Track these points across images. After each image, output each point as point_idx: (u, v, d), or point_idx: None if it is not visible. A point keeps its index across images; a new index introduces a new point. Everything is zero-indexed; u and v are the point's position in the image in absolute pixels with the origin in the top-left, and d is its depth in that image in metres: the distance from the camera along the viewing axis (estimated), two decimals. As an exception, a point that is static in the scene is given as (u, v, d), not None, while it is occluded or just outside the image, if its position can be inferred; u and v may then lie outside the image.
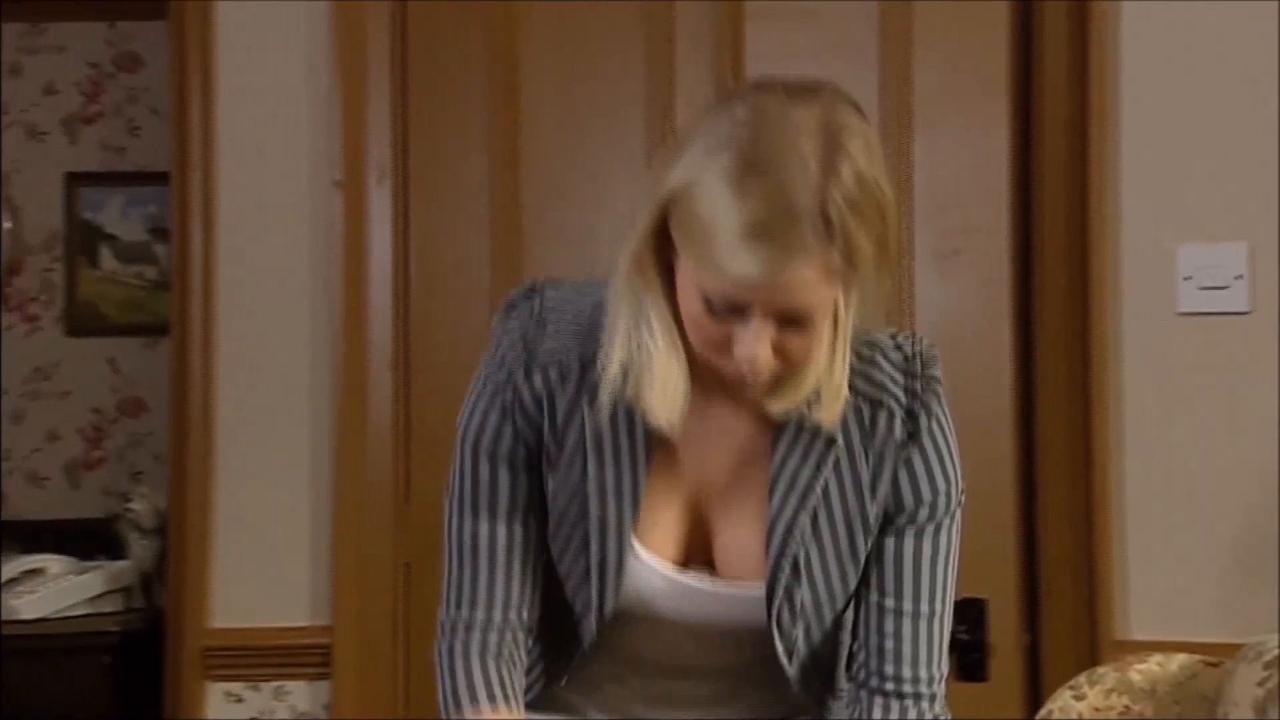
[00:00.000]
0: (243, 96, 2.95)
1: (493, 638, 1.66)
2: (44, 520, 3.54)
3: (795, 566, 1.64)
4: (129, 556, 3.28)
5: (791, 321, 1.49)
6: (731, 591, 1.65)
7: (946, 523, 1.68)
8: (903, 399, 1.63)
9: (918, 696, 1.66)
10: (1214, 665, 1.85)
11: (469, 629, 1.65)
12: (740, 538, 1.63)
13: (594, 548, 1.64)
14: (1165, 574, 2.63)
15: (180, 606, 2.92)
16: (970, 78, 2.69)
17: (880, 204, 1.49)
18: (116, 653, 3.02)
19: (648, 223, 1.54)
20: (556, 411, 1.61)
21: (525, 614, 1.67)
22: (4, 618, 3.04)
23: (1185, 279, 2.67)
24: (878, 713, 1.66)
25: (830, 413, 1.58)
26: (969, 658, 2.61)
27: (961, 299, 2.67)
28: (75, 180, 3.63)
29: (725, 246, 1.45)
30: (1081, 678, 1.92)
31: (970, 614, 2.61)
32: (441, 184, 2.89)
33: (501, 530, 1.65)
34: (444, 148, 2.89)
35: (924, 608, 1.66)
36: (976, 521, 2.60)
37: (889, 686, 1.66)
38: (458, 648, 1.66)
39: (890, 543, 1.65)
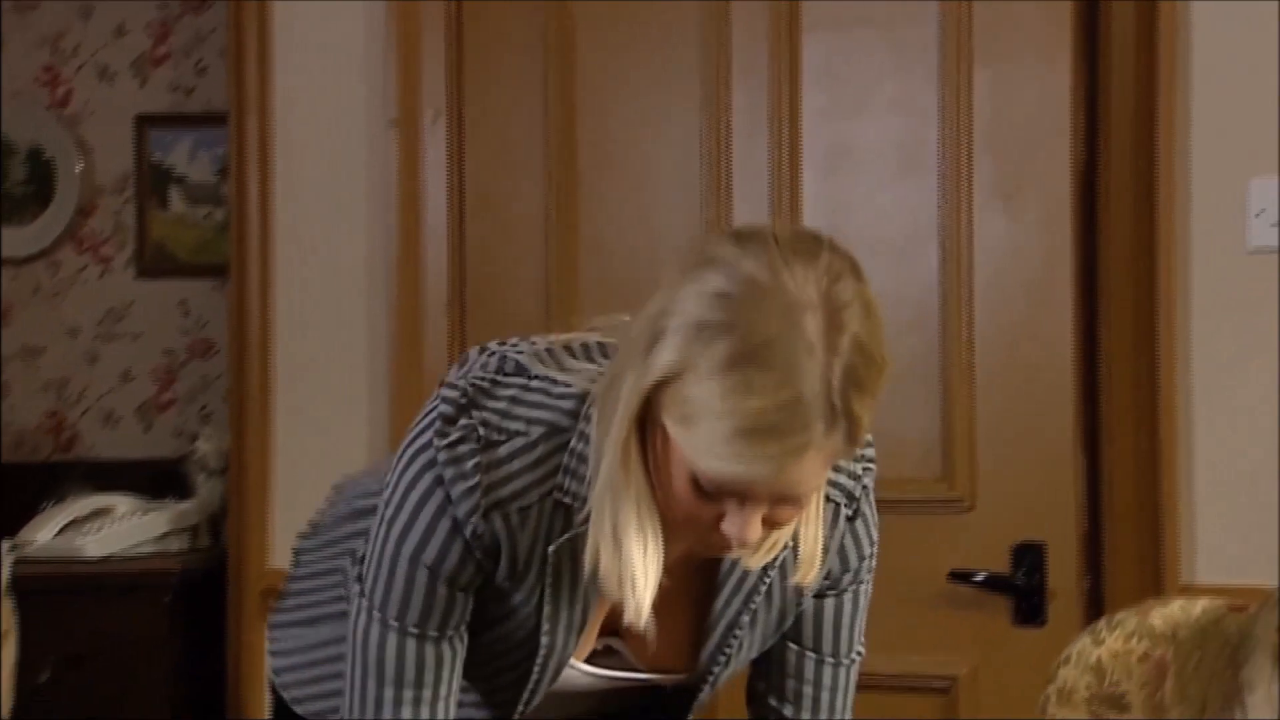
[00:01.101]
0: (299, 37, 2.95)
1: None
2: (117, 460, 3.58)
3: (727, 658, 1.64)
4: (196, 497, 3.30)
5: (786, 500, 1.44)
6: (652, 676, 1.64)
7: (866, 579, 1.69)
8: (848, 485, 1.61)
9: None
10: (1240, 609, 1.80)
11: None
12: (667, 628, 1.58)
13: (535, 670, 1.59)
14: (1233, 517, 2.56)
15: (241, 547, 2.94)
16: (1033, 8, 2.61)
17: (880, 368, 1.41)
18: (178, 592, 3.04)
19: (633, 407, 1.43)
20: (517, 552, 1.53)
21: None
22: (70, 556, 3.08)
23: (1256, 215, 2.58)
24: None
25: (807, 576, 1.55)
26: (1027, 602, 2.57)
27: (1023, 238, 2.61)
28: (145, 122, 3.64)
29: (728, 444, 1.37)
30: (1101, 622, 1.88)
31: (1029, 558, 2.56)
32: (496, 123, 2.87)
33: (446, 651, 1.56)
34: (499, 86, 2.87)
35: (843, 658, 1.71)
36: (1037, 464, 2.57)
37: None
38: None
39: (813, 603, 1.66)
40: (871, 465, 1.65)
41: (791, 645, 1.69)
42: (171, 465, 3.43)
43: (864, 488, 1.64)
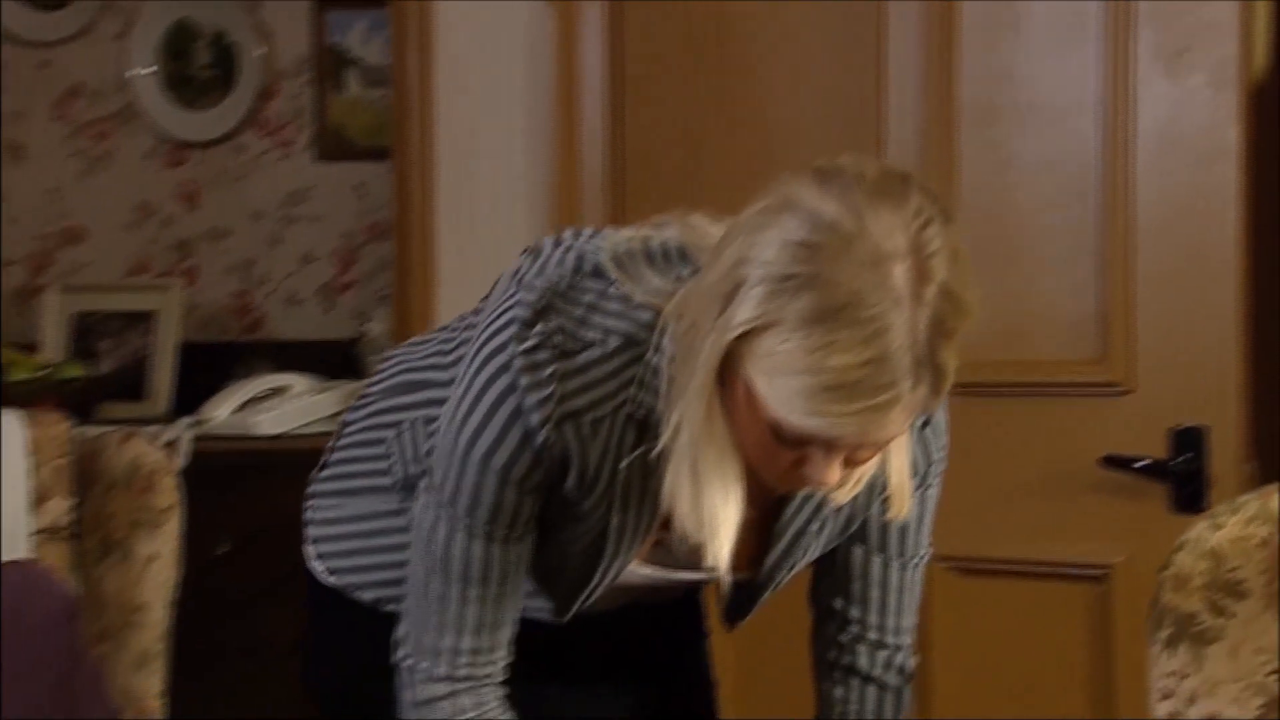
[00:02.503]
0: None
1: (500, 669, 1.60)
2: (297, 341, 3.67)
3: (793, 564, 1.62)
4: (367, 377, 3.37)
5: (870, 446, 1.41)
6: (710, 576, 1.61)
7: (935, 481, 1.66)
8: None
9: (898, 647, 1.71)
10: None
11: (489, 662, 1.58)
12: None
13: (597, 575, 1.59)
14: None
15: (405, 426, 2.99)
16: None
17: (968, 314, 1.36)
18: (346, 469, 3.11)
19: (714, 360, 1.39)
20: (587, 463, 1.51)
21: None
22: (246, 432, 3.17)
23: None
24: (863, 661, 1.69)
25: (900, 508, 1.52)
26: (1186, 488, 2.48)
27: (1188, 100, 2.49)
28: (322, 4, 3.68)
29: (811, 401, 1.33)
30: (1223, 506, 1.81)
31: (1189, 442, 2.48)
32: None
33: (514, 551, 1.55)
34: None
35: (910, 558, 1.68)
36: (1199, 345, 2.47)
37: (872, 636, 1.69)
38: (487, 694, 1.58)
39: (881, 507, 1.61)
40: None
41: (857, 547, 1.66)
42: (346, 346, 3.51)
43: None
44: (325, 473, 1.79)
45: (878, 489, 1.55)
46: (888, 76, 2.67)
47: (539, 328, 1.47)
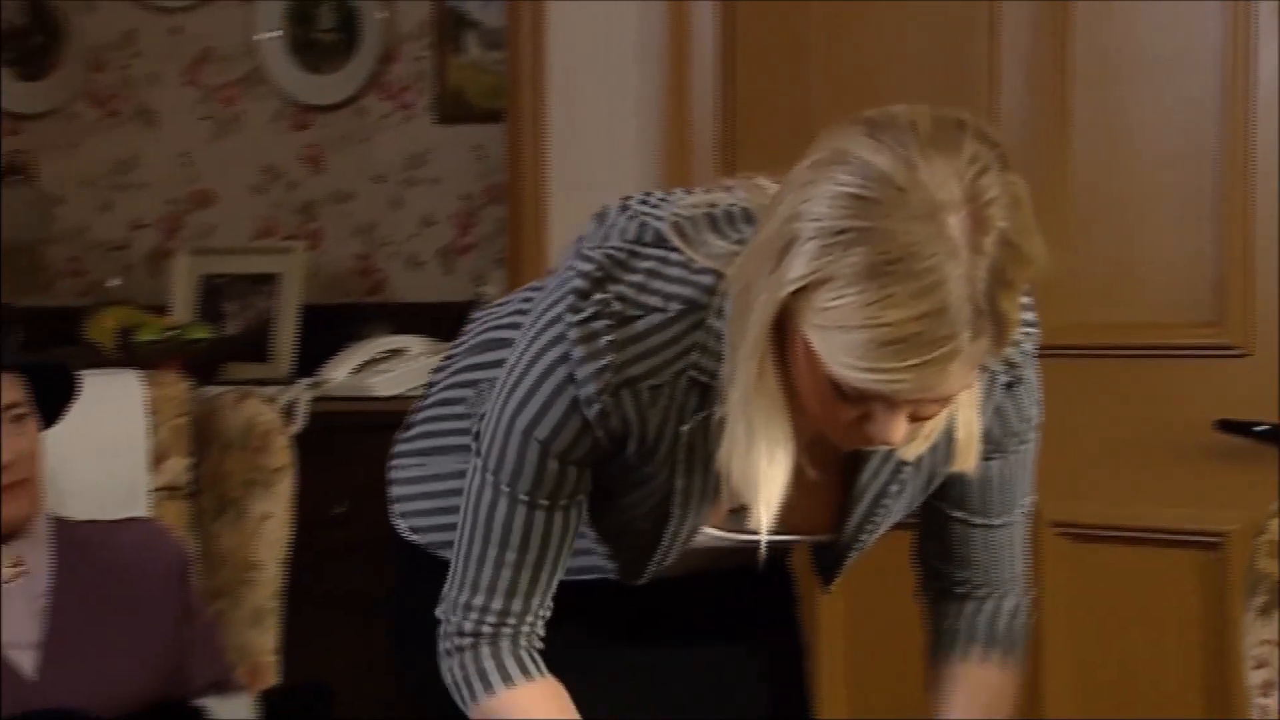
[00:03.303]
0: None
1: (529, 629, 1.60)
2: (417, 303, 3.69)
3: (875, 526, 1.60)
4: (475, 338, 3.39)
5: (933, 401, 1.38)
6: (792, 539, 1.60)
7: (1031, 438, 1.62)
8: (1005, 352, 1.49)
9: (1006, 594, 1.70)
10: None
11: (516, 623, 1.58)
12: (810, 495, 1.54)
13: (665, 538, 1.57)
14: None
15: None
16: None
17: (1030, 260, 1.32)
18: (461, 430, 3.14)
19: (767, 319, 1.37)
20: (647, 429, 1.50)
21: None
22: (363, 393, 3.20)
23: None
24: (969, 608, 1.69)
25: (966, 461, 1.49)
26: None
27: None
28: (443, -33, 3.70)
29: (868, 356, 1.31)
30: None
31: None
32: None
33: (558, 519, 1.55)
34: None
35: (1011, 516, 1.65)
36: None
37: (980, 592, 1.69)
38: (504, 646, 1.58)
39: (978, 467, 1.58)
40: (1032, 330, 1.56)
41: (954, 510, 1.64)
42: (464, 308, 3.53)
43: (1024, 353, 1.56)
44: (410, 433, 1.80)
45: (962, 469, 1.54)
46: (1001, 30, 2.62)
47: (596, 297, 1.46)
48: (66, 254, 4.07)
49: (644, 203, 1.54)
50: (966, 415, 1.48)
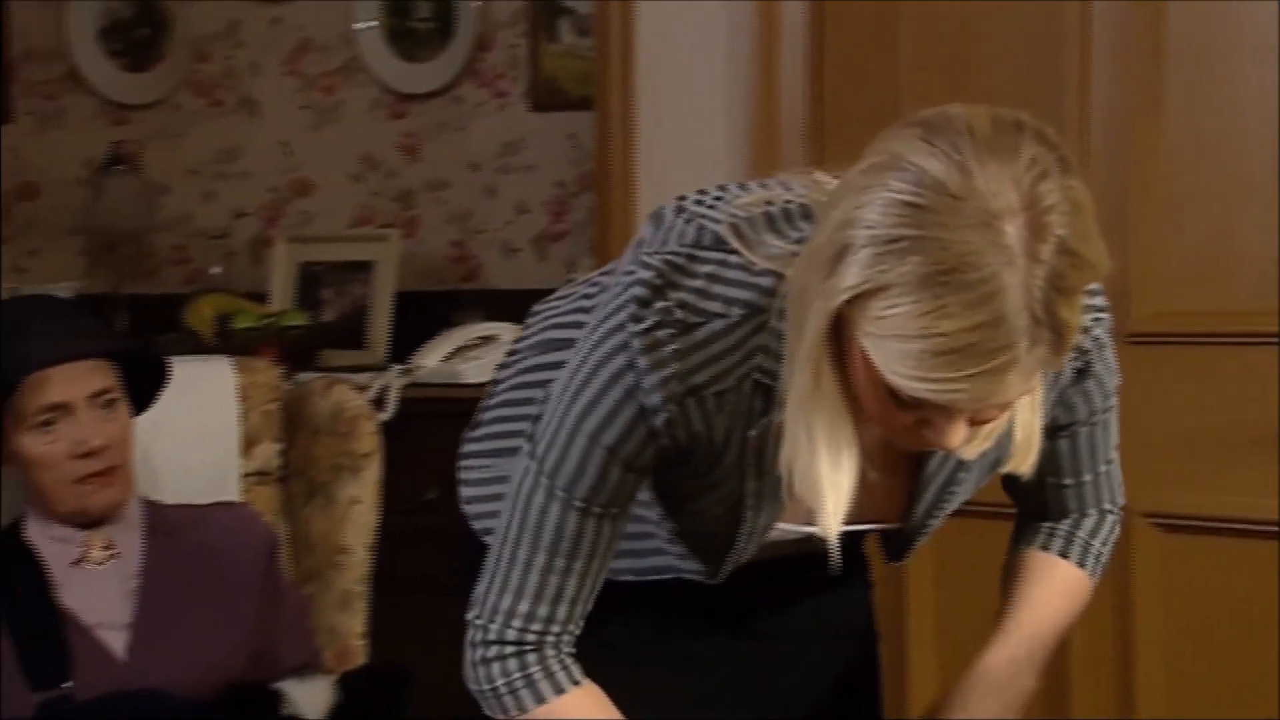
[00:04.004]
0: None
1: (570, 637, 1.58)
2: (510, 290, 3.71)
3: (943, 510, 1.59)
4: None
5: (992, 408, 1.37)
6: (861, 528, 1.59)
7: (1113, 403, 1.61)
8: (1075, 339, 1.47)
9: (1112, 506, 1.71)
10: None
11: (560, 631, 1.56)
12: (878, 485, 1.52)
13: (739, 540, 1.56)
14: None
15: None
16: None
17: (1090, 266, 1.30)
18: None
19: (821, 327, 1.35)
20: (714, 435, 1.48)
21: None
22: (452, 380, 3.22)
23: None
24: (1066, 521, 1.70)
25: (1024, 463, 1.48)
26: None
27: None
28: (536, -46, 3.72)
29: (927, 366, 1.29)
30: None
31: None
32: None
33: (607, 527, 1.53)
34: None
35: (1101, 469, 1.66)
36: None
37: (1072, 518, 1.70)
38: (549, 654, 1.56)
39: (1065, 444, 1.61)
40: (1102, 315, 1.55)
41: (1048, 477, 1.64)
42: (556, 295, 3.54)
43: (1094, 339, 1.54)
44: (477, 432, 1.79)
45: (1019, 470, 1.52)
46: (1093, 18, 2.59)
47: (657, 305, 1.44)
48: (171, 242, 4.14)
49: (699, 203, 1.52)
50: (1026, 417, 1.46)
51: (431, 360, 3.28)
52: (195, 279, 4.05)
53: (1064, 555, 1.70)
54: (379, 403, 3.16)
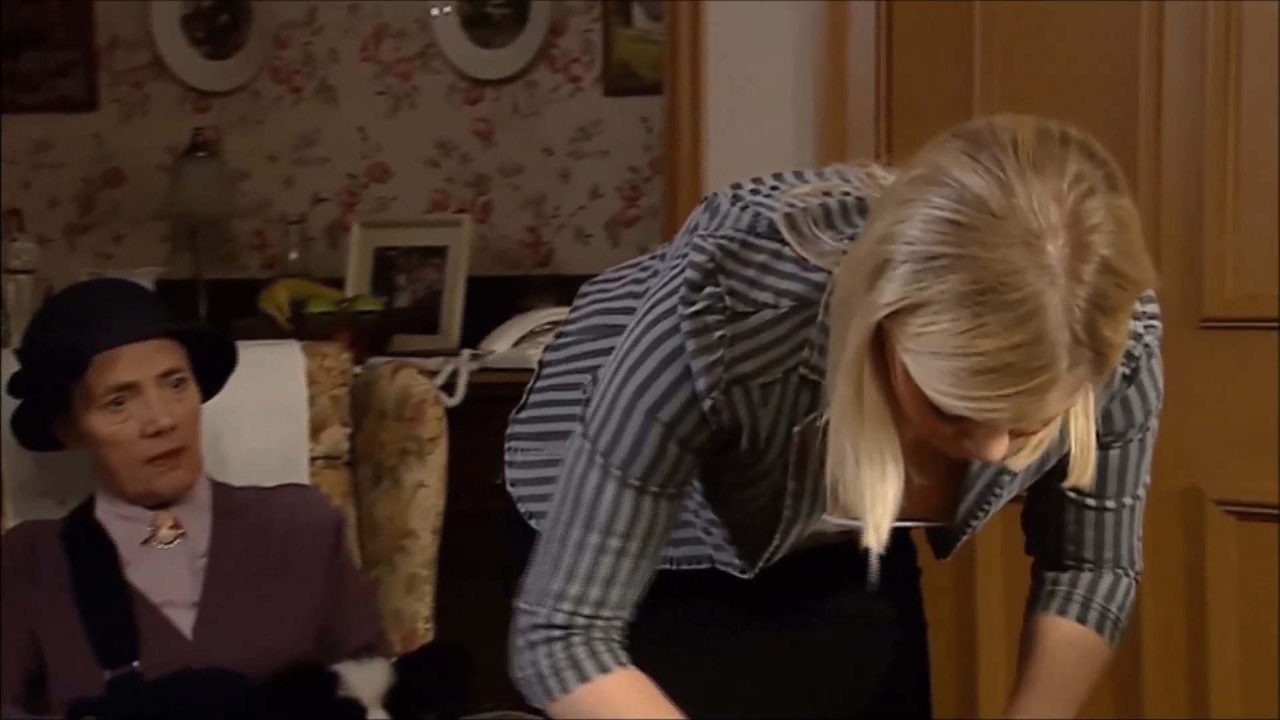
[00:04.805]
0: None
1: (621, 625, 1.56)
2: (586, 275, 3.70)
3: (986, 511, 1.58)
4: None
5: (1035, 423, 1.35)
6: (905, 524, 1.56)
7: (1152, 425, 1.58)
8: (1126, 346, 1.43)
9: (1128, 567, 1.67)
10: None
11: (611, 616, 1.54)
12: (922, 483, 1.49)
13: (777, 536, 1.55)
14: None
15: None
16: None
17: (1136, 284, 1.28)
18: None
19: (861, 341, 1.34)
20: (759, 428, 1.47)
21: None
22: (522, 365, 3.23)
23: None
24: (1081, 587, 1.67)
25: (1082, 475, 1.44)
26: None
27: None
28: (610, -60, 3.72)
29: (965, 384, 1.28)
30: None
31: None
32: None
33: (664, 507, 1.51)
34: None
35: (1125, 499, 1.62)
36: None
37: (1089, 566, 1.66)
38: (597, 636, 1.54)
39: (1099, 455, 1.53)
40: (1155, 322, 1.52)
41: (1070, 493, 1.60)
42: (630, 280, 3.54)
43: (1145, 345, 1.52)
44: (524, 414, 1.78)
45: (1077, 484, 1.50)
46: (1166, 13, 2.57)
47: (708, 290, 1.43)
48: (251, 228, 4.18)
49: (755, 191, 1.51)
50: (1080, 426, 1.43)
51: (502, 345, 3.29)
52: (274, 264, 4.09)
53: (1081, 620, 1.67)
54: (449, 388, 3.17)
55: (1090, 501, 1.62)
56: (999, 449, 1.36)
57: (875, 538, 1.43)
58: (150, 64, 4.22)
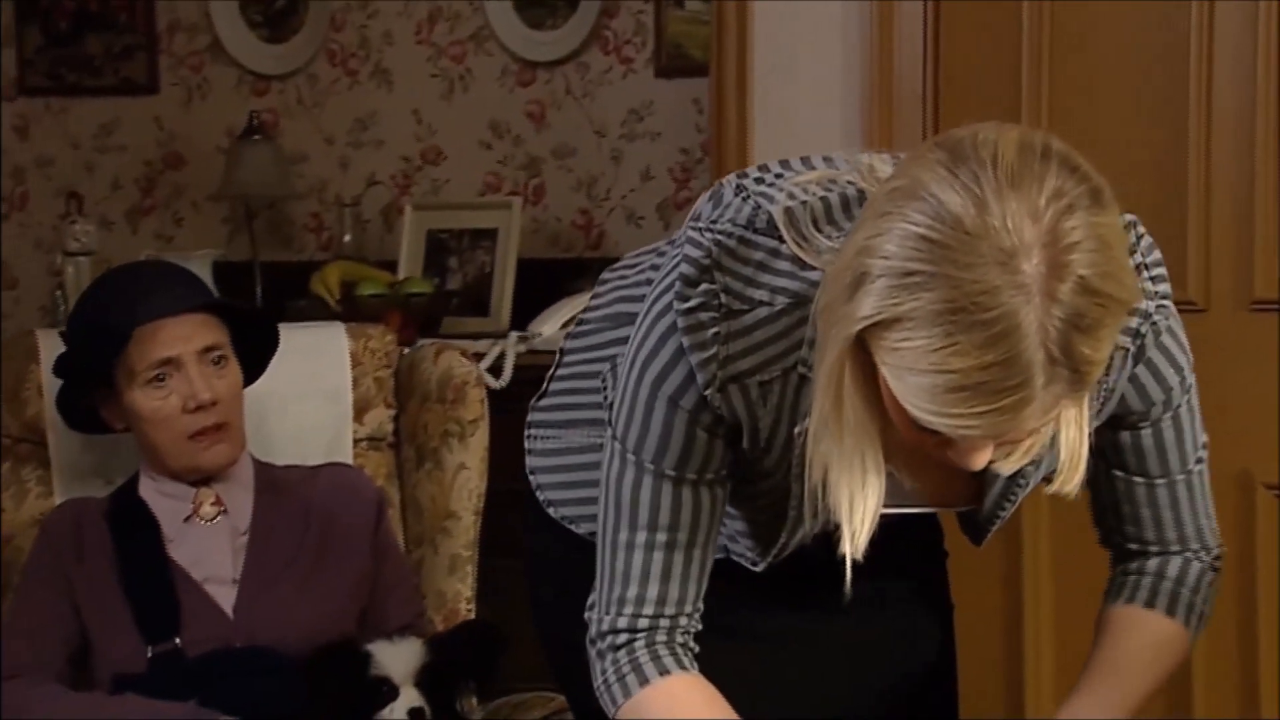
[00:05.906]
0: None
1: (687, 622, 1.55)
2: (639, 258, 3.71)
3: (1014, 499, 1.56)
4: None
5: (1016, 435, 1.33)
6: (930, 509, 1.56)
7: (1184, 399, 1.53)
8: (1133, 325, 1.45)
9: (1190, 553, 1.63)
10: None
11: (675, 613, 1.53)
12: (945, 472, 1.47)
13: (783, 535, 1.54)
14: None
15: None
16: None
17: (1116, 301, 1.27)
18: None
19: (839, 353, 1.33)
20: (758, 426, 1.46)
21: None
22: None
23: None
24: (1145, 563, 1.63)
25: (1069, 483, 1.42)
26: None
27: None
28: (662, -79, 3.71)
29: (940, 401, 1.27)
30: None
31: None
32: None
33: (704, 495, 1.50)
34: None
35: (1177, 474, 1.57)
36: None
37: (1154, 549, 1.62)
38: (660, 639, 1.53)
39: (1127, 436, 1.54)
40: (1166, 303, 1.49)
41: (1118, 472, 1.58)
42: (679, 262, 3.53)
43: (1153, 324, 1.48)
44: (544, 401, 1.78)
45: (1096, 413, 1.47)
46: (1215, 14, 2.55)
47: (703, 287, 1.42)
48: (308, 210, 4.20)
49: (759, 180, 1.49)
50: (1070, 434, 1.41)
51: (549, 328, 3.29)
52: (330, 246, 4.11)
53: (1150, 605, 1.63)
54: (496, 370, 3.18)
55: (1137, 478, 1.59)
56: (980, 459, 1.35)
57: (851, 546, 1.42)
58: (209, 47, 4.24)
